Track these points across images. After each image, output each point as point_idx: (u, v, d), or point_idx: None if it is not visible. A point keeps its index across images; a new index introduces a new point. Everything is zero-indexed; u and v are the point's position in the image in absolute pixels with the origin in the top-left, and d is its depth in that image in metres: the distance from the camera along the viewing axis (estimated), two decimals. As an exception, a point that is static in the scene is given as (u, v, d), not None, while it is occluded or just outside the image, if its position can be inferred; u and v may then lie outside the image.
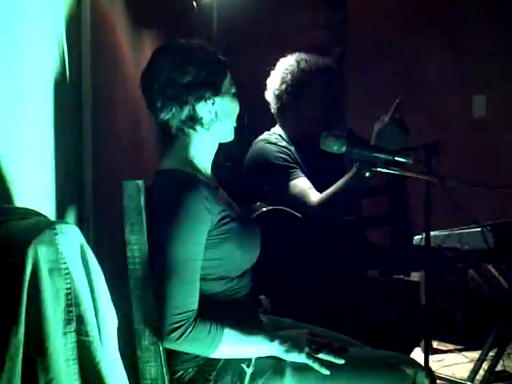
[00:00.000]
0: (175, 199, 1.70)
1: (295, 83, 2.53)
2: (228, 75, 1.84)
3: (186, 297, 1.67)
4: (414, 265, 3.31)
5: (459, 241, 2.66)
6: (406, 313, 2.40)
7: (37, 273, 1.28)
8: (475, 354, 3.15)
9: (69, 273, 1.33)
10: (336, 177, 2.35)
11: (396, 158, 1.99)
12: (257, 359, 1.73)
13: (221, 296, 1.78)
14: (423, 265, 2.86)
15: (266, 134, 2.61)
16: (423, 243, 2.46)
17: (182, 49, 1.81)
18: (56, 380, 1.30)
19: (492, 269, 2.94)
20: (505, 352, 2.86)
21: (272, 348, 1.73)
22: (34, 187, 1.77)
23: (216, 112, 1.81)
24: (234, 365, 1.73)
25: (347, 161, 2.57)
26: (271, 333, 1.77)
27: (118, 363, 1.47)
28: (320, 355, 1.71)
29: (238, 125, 1.89)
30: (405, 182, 3.83)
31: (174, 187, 1.74)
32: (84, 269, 1.39)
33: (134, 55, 2.90)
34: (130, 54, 2.87)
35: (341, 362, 1.71)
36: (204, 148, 1.85)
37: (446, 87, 4.24)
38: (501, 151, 4.07)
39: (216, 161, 1.90)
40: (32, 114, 1.77)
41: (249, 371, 1.71)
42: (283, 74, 2.55)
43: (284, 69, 2.56)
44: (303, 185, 2.43)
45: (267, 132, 2.63)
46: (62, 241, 1.33)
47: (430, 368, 2.37)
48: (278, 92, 2.57)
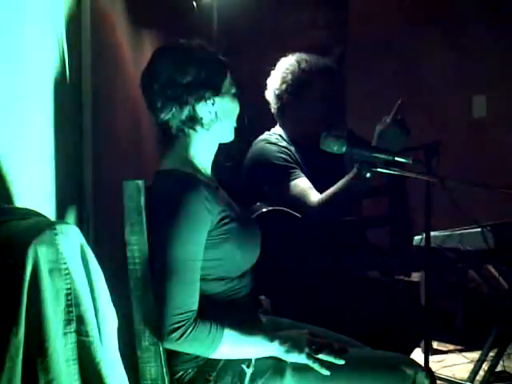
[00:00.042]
0: (175, 199, 1.70)
1: (296, 83, 2.53)
2: (228, 75, 1.84)
3: (186, 297, 1.67)
4: (415, 265, 3.31)
5: (459, 241, 2.66)
6: (406, 313, 2.39)
7: (37, 273, 1.28)
8: (475, 355, 3.15)
9: (69, 273, 1.33)
10: (336, 177, 2.35)
11: (396, 159, 1.99)
12: (257, 360, 1.73)
13: (221, 296, 1.78)
14: (423, 265, 2.85)
15: (266, 134, 2.61)
16: (423, 243, 2.46)
17: (182, 49, 1.81)
18: (56, 380, 1.30)
19: (492, 269, 2.94)
20: (505, 352, 2.86)
21: (272, 348, 1.73)
22: (34, 187, 1.77)
23: (216, 112, 1.81)
24: (234, 365, 1.72)
25: (347, 161, 2.57)
26: (271, 333, 1.77)
27: (118, 363, 1.47)
28: (320, 356, 1.71)
29: (238, 125, 1.89)
30: (405, 183, 3.83)
31: (174, 187, 1.73)
32: (84, 269, 1.39)
33: (134, 55, 2.90)
34: (130, 54, 2.87)
35: (341, 363, 1.71)
36: (204, 148, 1.85)
37: (446, 87, 4.23)
38: (501, 151, 4.07)
39: (216, 161, 1.90)
40: (32, 114, 1.77)
41: (249, 372, 1.71)
42: (284, 74, 2.55)
43: (284, 69, 2.56)
44: (303, 185, 2.43)
45: (267, 132, 2.63)
46: (62, 241, 1.33)
47: (430, 368, 2.38)
48: (279, 92, 2.57)
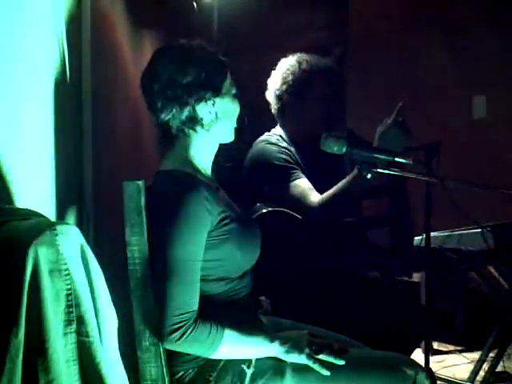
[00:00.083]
0: (175, 200, 1.69)
1: (296, 83, 2.53)
2: (228, 76, 1.84)
3: (187, 297, 1.67)
4: (416, 266, 3.31)
5: (459, 242, 2.65)
6: (407, 313, 2.39)
7: (37, 274, 1.28)
8: (475, 355, 3.15)
9: (69, 274, 1.33)
10: (336, 178, 2.35)
11: (396, 159, 1.99)
12: (257, 360, 1.73)
13: (221, 297, 1.78)
14: (424, 266, 2.85)
15: (267, 135, 2.60)
16: (423, 244, 2.46)
17: (183, 49, 1.81)
18: (56, 381, 1.30)
19: (492, 269, 2.94)
20: (505, 353, 2.85)
21: (272, 349, 1.73)
22: (34, 187, 1.77)
23: (216, 113, 1.81)
24: (235, 365, 1.72)
25: (348, 162, 2.56)
26: (271, 334, 1.77)
27: (119, 364, 1.47)
28: (320, 356, 1.72)
29: (239, 126, 1.89)
30: (405, 183, 3.83)
31: (174, 188, 1.73)
32: (84, 269, 1.39)
33: (135, 55, 2.90)
34: (130, 54, 2.87)
35: (341, 363, 1.71)
36: (204, 149, 1.85)
37: (446, 87, 4.23)
38: (501, 151, 4.07)
39: (216, 161, 1.90)
40: (32, 114, 1.77)
41: (249, 372, 1.71)
42: (284, 75, 2.55)
43: (285, 69, 2.56)
44: (304, 185, 2.43)
45: (267, 133, 2.62)
46: (63, 242, 1.33)
47: (431, 369, 2.37)
48: (279, 92, 2.56)
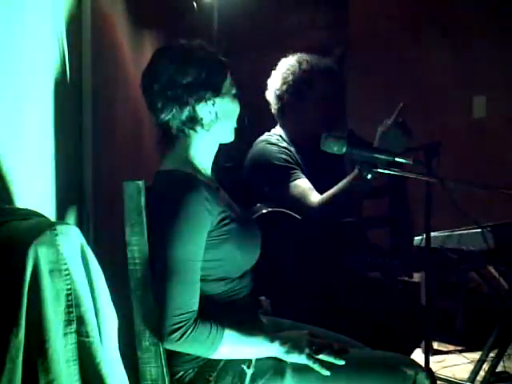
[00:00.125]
0: (175, 200, 1.69)
1: (296, 83, 2.53)
2: (228, 76, 1.84)
3: (187, 298, 1.67)
4: (416, 266, 3.31)
5: (459, 242, 2.65)
6: (407, 313, 2.39)
7: (37, 274, 1.28)
8: (475, 355, 3.15)
9: (69, 274, 1.33)
10: (336, 178, 2.35)
11: (396, 159, 1.99)
12: (257, 360, 1.73)
13: (221, 297, 1.78)
14: (424, 266, 2.85)
15: (267, 135, 2.60)
16: (423, 244, 2.46)
17: (183, 49, 1.81)
18: (56, 381, 1.30)
19: (492, 269, 2.94)
20: (505, 353, 2.85)
21: (272, 349, 1.73)
22: (34, 187, 1.77)
23: (216, 113, 1.81)
24: (235, 365, 1.72)
25: (348, 162, 2.56)
26: (271, 334, 1.77)
27: (119, 364, 1.47)
28: (320, 356, 1.72)
29: (239, 126, 1.88)
30: (405, 183, 3.83)
31: (175, 188, 1.73)
32: (84, 269, 1.39)
33: (135, 55, 2.90)
34: (131, 55, 2.87)
35: (341, 363, 1.71)
36: (204, 149, 1.85)
37: (446, 87, 4.23)
38: (501, 151, 4.07)
39: (216, 161, 1.90)
40: (32, 114, 1.77)
41: (249, 372, 1.71)
42: (285, 74, 2.55)
43: (285, 69, 2.55)
44: (304, 186, 2.42)
45: (268, 133, 2.62)
46: (63, 242, 1.33)
47: (431, 369, 2.37)
48: (279, 92, 2.56)
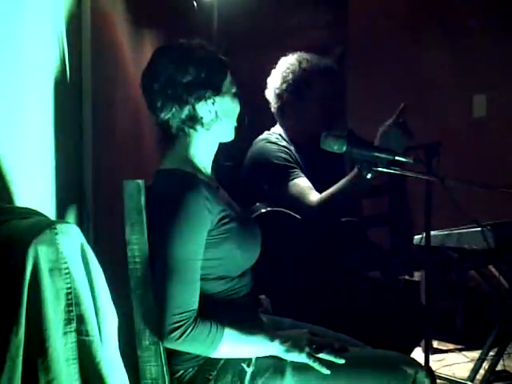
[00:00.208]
0: (175, 199, 1.70)
1: (296, 82, 2.53)
2: (228, 75, 1.84)
3: (187, 296, 1.67)
4: (416, 265, 3.31)
5: (459, 241, 2.66)
6: (407, 312, 2.39)
7: (37, 272, 1.28)
8: (475, 354, 3.15)
9: (69, 272, 1.33)
10: (336, 177, 2.35)
11: (396, 158, 1.99)
12: (257, 359, 1.73)
13: (221, 296, 1.78)
14: (424, 264, 2.86)
15: (266, 134, 2.61)
16: (423, 243, 2.46)
17: (183, 49, 1.81)
18: (56, 380, 1.30)
19: (492, 268, 2.94)
20: (505, 352, 2.86)
21: (272, 348, 1.74)
22: (34, 187, 1.77)
23: (216, 112, 1.81)
24: (235, 364, 1.73)
25: (348, 161, 2.56)
26: (271, 332, 1.77)
27: (119, 363, 1.47)
28: (320, 355, 1.72)
29: (239, 124, 1.89)
30: (405, 182, 3.83)
31: (175, 187, 1.74)
32: (84, 268, 1.39)
33: (135, 55, 2.90)
34: (131, 54, 2.87)
35: (341, 362, 1.71)
36: (204, 148, 1.85)
37: (446, 87, 4.23)
38: (501, 151, 4.07)
39: (216, 160, 1.90)
40: (32, 114, 1.77)
41: (249, 371, 1.71)
42: (284, 73, 2.55)
43: (285, 68, 2.56)
44: (303, 184, 2.43)
45: (267, 132, 2.62)
46: (63, 240, 1.33)
47: (431, 368, 2.38)
48: (279, 91, 2.56)
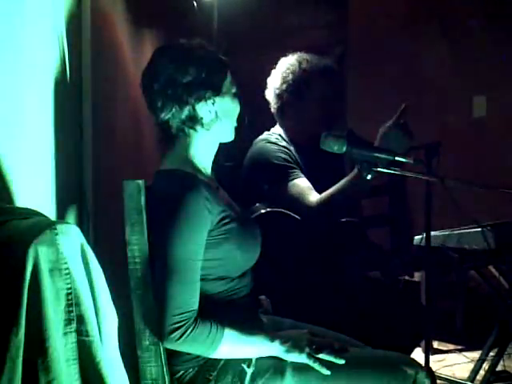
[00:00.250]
0: (175, 199, 1.70)
1: (296, 83, 2.53)
2: (228, 75, 1.84)
3: (187, 297, 1.67)
4: (416, 265, 3.31)
5: (459, 241, 2.66)
6: (407, 313, 2.39)
7: (37, 273, 1.28)
8: (476, 354, 3.15)
9: (69, 273, 1.33)
10: (336, 177, 2.34)
11: (396, 158, 1.99)
12: (257, 359, 1.73)
13: (221, 296, 1.78)
14: (424, 265, 2.86)
15: (266, 134, 2.60)
16: (423, 243, 2.46)
17: (183, 49, 1.81)
18: (57, 380, 1.30)
19: (492, 269, 2.94)
20: (505, 352, 2.85)
21: (272, 348, 1.73)
22: (34, 187, 1.77)
23: (216, 112, 1.81)
24: (235, 365, 1.72)
25: (348, 161, 2.56)
26: (271, 333, 1.77)
27: (119, 363, 1.47)
28: (320, 355, 1.72)
29: (239, 125, 1.88)
30: (405, 182, 3.83)
31: (175, 187, 1.74)
32: (84, 268, 1.39)
33: (135, 55, 2.90)
34: (131, 54, 2.87)
35: (341, 362, 1.71)
36: (204, 148, 1.85)
37: (446, 87, 4.24)
38: (501, 151, 4.07)
39: (216, 161, 1.90)
40: (32, 114, 1.77)
41: (249, 371, 1.71)
42: (284, 74, 2.55)
43: (285, 68, 2.55)
44: (303, 185, 2.42)
45: (267, 132, 2.62)
46: (63, 241, 1.33)
47: (431, 368, 2.38)
48: (279, 91, 2.56)
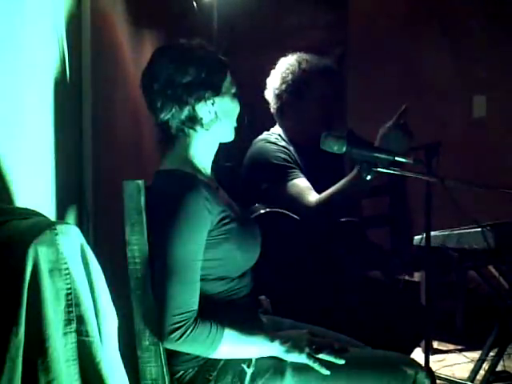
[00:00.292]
0: (175, 199, 1.70)
1: (296, 83, 2.53)
2: (228, 75, 1.84)
3: (187, 297, 1.67)
4: (416, 265, 3.31)
5: (459, 241, 2.66)
6: (407, 313, 2.39)
7: (37, 273, 1.28)
8: (475, 354, 3.15)
9: (69, 273, 1.33)
10: (335, 177, 2.34)
11: (396, 158, 1.99)
12: (257, 359, 1.73)
13: (221, 296, 1.78)
14: (424, 265, 2.86)
15: (266, 134, 2.60)
16: (423, 243, 2.46)
17: (182, 49, 1.81)
18: (56, 380, 1.30)
19: (492, 269, 2.94)
20: (505, 352, 2.85)
21: (272, 348, 1.73)
22: (34, 187, 1.77)
23: (216, 112, 1.81)
24: (235, 365, 1.72)
25: (348, 161, 2.56)
26: (271, 333, 1.77)
27: (119, 363, 1.47)
28: (320, 355, 1.72)
29: (238, 125, 1.88)
30: (405, 182, 3.83)
31: (174, 187, 1.74)
32: (84, 269, 1.39)
33: (135, 55, 2.90)
34: (131, 54, 2.87)
35: (341, 363, 1.71)
36: (204, 148, 1.85)
37: (446, 87, 4.24)
38: (501, 151, 4.07)
39: (216, 161, 1.90)
40: (32, 114, 1.77)
41: (249, 371, 1.71)
42: (284, 74, 2.55)
43: (285, 68, 2.55)
44: (302, 185, 2.42)
45: (267, 132, 2.62)
46: (63, 241, 1.33)
47: (431, 368, 2.38)
48: (278, 91, 2.56)
